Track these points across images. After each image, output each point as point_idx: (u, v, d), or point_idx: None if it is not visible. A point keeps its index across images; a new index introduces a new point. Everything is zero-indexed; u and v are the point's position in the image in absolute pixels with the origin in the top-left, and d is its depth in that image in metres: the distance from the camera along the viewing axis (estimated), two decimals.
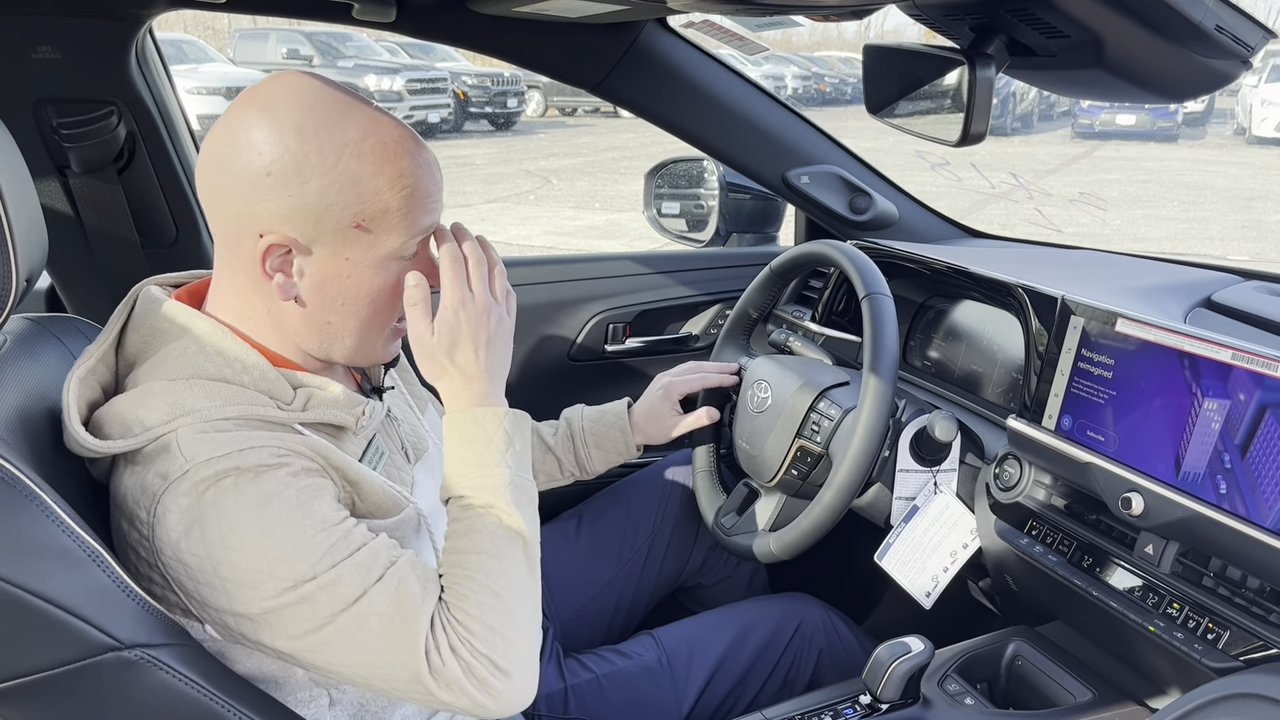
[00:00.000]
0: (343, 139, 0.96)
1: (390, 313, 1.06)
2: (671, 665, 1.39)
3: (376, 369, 1.21)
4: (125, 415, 0.95)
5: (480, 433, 1.05)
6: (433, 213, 1.03)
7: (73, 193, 1.62)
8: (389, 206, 0.98)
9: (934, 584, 1.39)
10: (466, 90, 16.56)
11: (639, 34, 1.75)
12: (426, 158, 1.02)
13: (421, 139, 1.02)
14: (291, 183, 0.94)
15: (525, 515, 1.04)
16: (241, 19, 20.83)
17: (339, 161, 0.95)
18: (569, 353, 2.03)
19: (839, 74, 26.04)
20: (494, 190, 10.97)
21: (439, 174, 1.04)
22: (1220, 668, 1.03)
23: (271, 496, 0.91)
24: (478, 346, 1.06)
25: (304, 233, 0.97)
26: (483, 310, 1.06)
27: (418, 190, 1.00)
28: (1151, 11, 0.98)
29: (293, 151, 0.94)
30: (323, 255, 0.99)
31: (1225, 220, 9.77)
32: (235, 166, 0.95)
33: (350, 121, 0.97)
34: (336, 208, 0.96)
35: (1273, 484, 0.99)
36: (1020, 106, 19.57)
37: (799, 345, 1.70)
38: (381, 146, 0.97)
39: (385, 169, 0.97)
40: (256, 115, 0.95)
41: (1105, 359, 1.19)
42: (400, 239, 1.00)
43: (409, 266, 1.05)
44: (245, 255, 0.99)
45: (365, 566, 0.93)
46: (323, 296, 1.01)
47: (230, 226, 0.98)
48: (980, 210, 9.98)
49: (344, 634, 0.92)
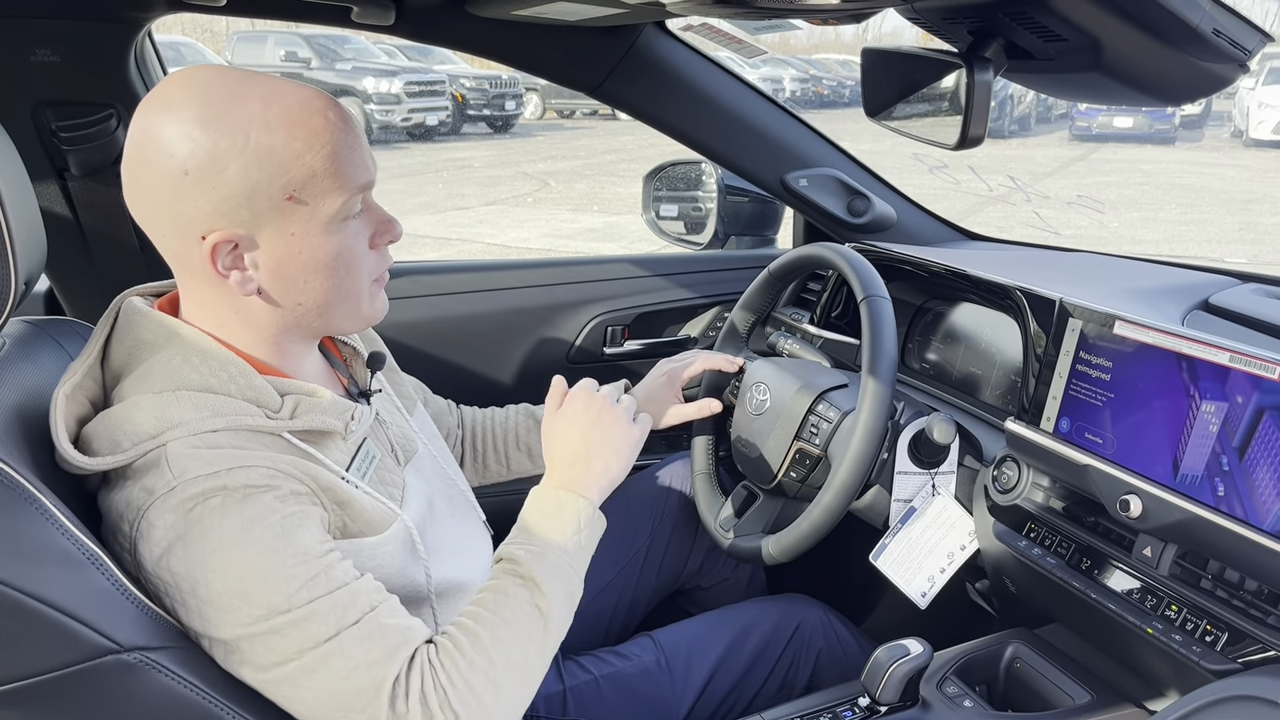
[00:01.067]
0: (245, 116, 0.93)
1: (358, 275, 1.04)
2: (670, 667, 1.39)
3: (364, 371, 1.21)
4: (113, 430, 0.95)
5: (556, 513, 1.11)
6: (363, 166, 1.00)
7: (71, 195, 1.62)
8: (314, 169, 0.95)
9: (930, 585, 1.39)
10: (464, 93, 16.56)
11: (637, 37, 1.76)
12: (339, 113, 0.99)
13: (330, 96, 1.00)
14: (210, 175, 0.92)
15: (557, 603, 1.05)
16: (240, 21, 20.81)
17: (248, 139, 0.92)
18: (568, 355, 2.03)
19: (837, 77, 26.05)
20: (492, 192, 10.97)
21: (356, 127, 1.01)
22: (1219, 670, 1.04)
23: (256, 521, 0.91)
24: (589, 438, 1.17)
25: (242, 222, 0.95)
26: (604, 407, 1.20)
27: (339, 146, 0.97)
28: (1149, 15, 0.98)
29: (201, 143, 0.92)
30: (268, 239, 0.97)
31: (1222, 222, 9.78)
32: (153, 177, 0.93)
33: (249, 96, 0.94)
34: (263, 185, 0.93)
35: (1271, 486, 0.99)
36: (1018, 109, 19.60)
37: (797, 348, 1.70)
38: (286, 111, 0.94)
39: (297, 132, 0.94)
40: (157, 120, 0.93)
41: (1103, 361, 1.19)
42: (338, 199, 0.98)
43: (363, 226, 1.03)
44: (196, 263, 0.97)
45: (343, 607, 0.93)
46: (283, 280, 0.99)
47: (173, 239, 0.97)
48: (978, 213, 9.99)
49: (308, 671, 0.91)
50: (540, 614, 1.04)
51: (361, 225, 1.03)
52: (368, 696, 0.92)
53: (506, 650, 1.00)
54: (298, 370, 1.08)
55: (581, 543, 1.11)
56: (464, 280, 1.98)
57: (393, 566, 1.05)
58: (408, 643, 0.96)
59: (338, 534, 1.00)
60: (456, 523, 1.24)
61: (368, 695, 0.92)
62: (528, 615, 1.03)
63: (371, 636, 0.93)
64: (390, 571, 1.04)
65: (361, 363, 1.22)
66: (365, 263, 1.05)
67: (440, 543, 1.16)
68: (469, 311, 1.97)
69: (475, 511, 1.31)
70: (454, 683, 0.95)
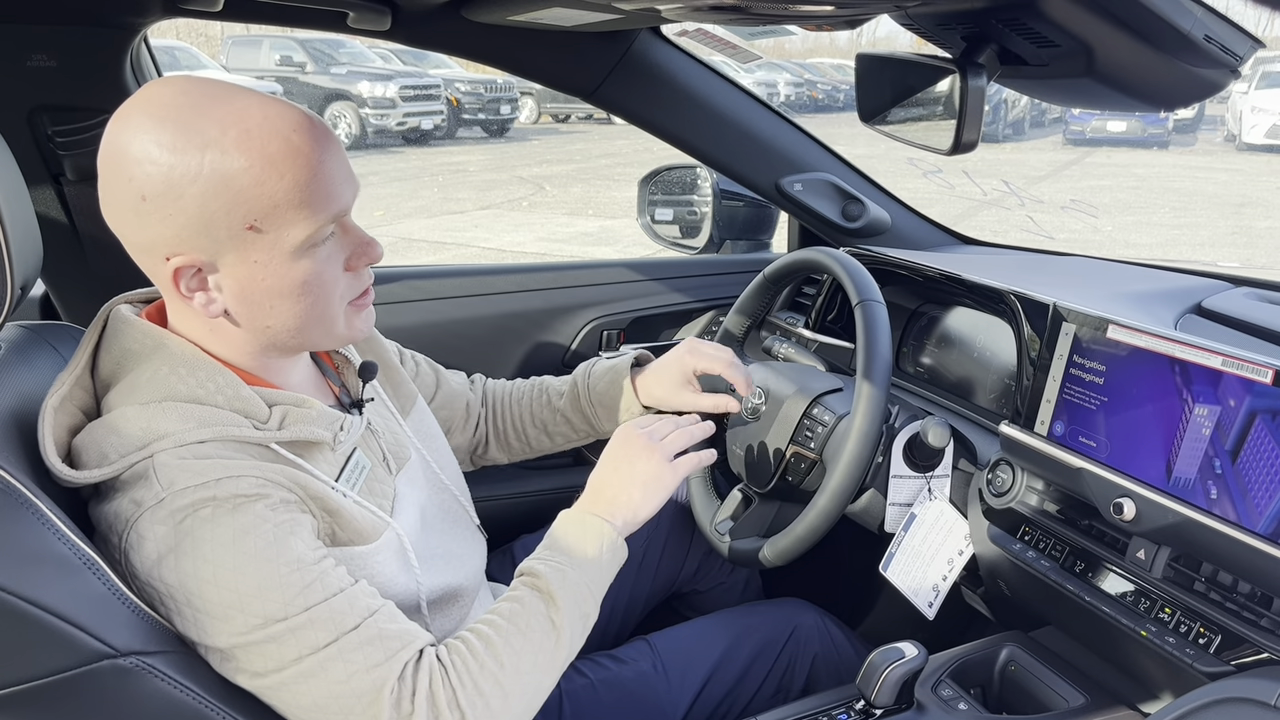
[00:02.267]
0: (202, 141, 0.88)
1: (329, 299, 1.00)
2: (667, 670, 1.39)
3: (356, 381, 1.19)
4: (100, 443, 0.94)
5: (581, 535, 1.13)
6: (332, 194, 0.94)
7: (67, 200, 1.62)
8: (275, 199, 0.90)
9: (935, 594, 1.40)
10: (460, 97, 16.57)
11: (633, 42, 1.76)
12: (309, 135, 0.92)
13: (304, 114, 0.94)
14: (166, 202, 0.89)
15: (571, 620, 1.07)
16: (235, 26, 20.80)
17: (203, 165, 0.88)
18: (563, 359, 2.03)
19: (832, 81, 26.10)
20: (487, 197, 10.97)
21: (330, 149, 0.94)
22: (1212, 672, 1.04)
23: (247, 531, 0.90)
24: (619, 471, 1.18)
25: (202, 249, 0.92)
26: (642, 444, 1.20)
27: (303, 173, 0.91)
28: (1141, 21, 0.99)
29: (159, 167, 0.88)
30: (230, 264, 0.93)
31: (1215, 226, 9.81)
32: (118, 196, 0.92)
33: (208, 119, 0.89)
34: (220, 215, 0.90)
35: (1263, 489, 1.00)
36: (1012, 113, 19.64)
37: (792, 352, 1.70)
38: (245, 136, 0.89)
39: (255, 159, 0.89)
40: (121, 138, 0.90)
41: (1097, 365, 1.20)
42: (304, 229, 0.93)
43: (336, 250, 0.99)
44: (164, 281, 0.95)
45: (341, 614, 0.93)
46: (249, 305, 0.96)
47: (142, 256, 0.95)
48: (972, 217, 10.01)
49: (306, 677, 0.91)
50: (554, 628, 1.05)
51: (335, 249, 0.99)
52: (368, 700, 0.92)
53: (517, 657, 1.01)
54: (285, 381, 1.07)
55: (602, 566, 1.12)
56: (459, 285, 1.98)
57: (384, 575, 1.05)
58: (407, 646, 0.96)
59: (328, 541, 1.00)
60: (449, 530, 1.23)
61: (368, 699, 0.92)
62: (542, 627, 1.04)
63: (371, 642, 0.93)
64: (382, 580, 1.04)
65: (354, 371, 1.20)
66: (338, 286, 1.01)
67: (432, 551, 1.16)
68: (464, 316, 1.97)
69: (469, 518, 1.31)
70: (463, 682, 0.96)
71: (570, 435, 1.54)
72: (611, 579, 1.15)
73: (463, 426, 1.49)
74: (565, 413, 1.51)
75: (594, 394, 1.49)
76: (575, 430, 1.53)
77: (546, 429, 1.53)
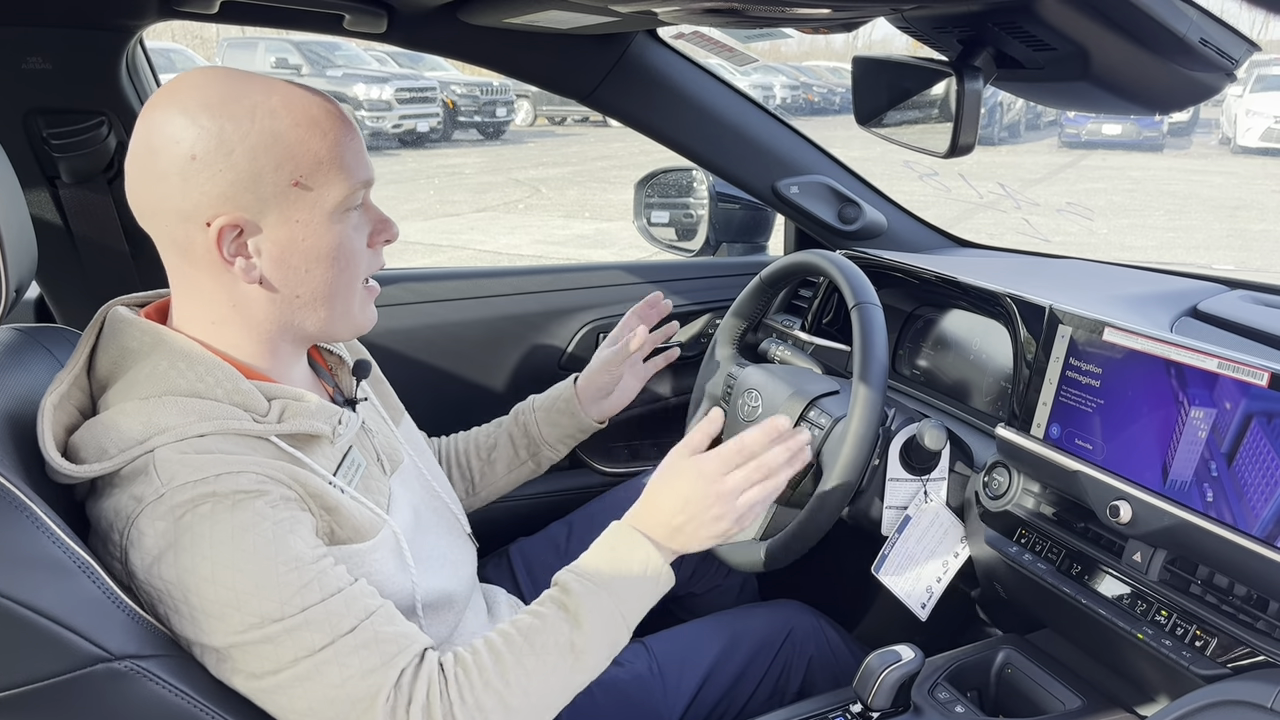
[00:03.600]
0: (250, 102, 0.96)
1: (356, 270, 1.06)
2: (663, 673, 1.39)
3: (349, 380, 1.21)
4: (100, 438, 0.94)
5: (627, 553, 1.08)
6: (363, 161, 1.04)
7: (62, 203, 1.61)
8: (319, 156, 0.98)
9: (929, 595, 1.40)
10: (455, 99, 16.56)
11: (629, 45, 1.76)
12: (338, 108, 1.03)
13: (328, 96, 1.04)
14: (218, 158, 0.94)
15: (595, 646, 1.04)
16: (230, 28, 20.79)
17: (254, 123, 0.95)
18: (560, 362, 2.03)
19: (827, 84, 26.12)
20: (483, 199, 10.97)
21: (355, 125, 1.04)
22: (1208, 675, 1.04)
23: (247, 528, 0.90)
24: (690, 511, 1.09)
25: (248, 206, 0.96)
26: (716, 495, 1.09)
27: (341, 136, 1.00)
28: (1137, 25, 0.99)
29: (208, 128, 0.94)
30: (273, 225, 0.98)
31: (1210, 229, 9.84)
32: (161, 167, 0.95)
33: (252, 86, 0.97)
34: (269, 169, 0.96)
35: (1259, 492, 1.00)
36: (1008, 116, 19.68)
37: (788, 354, 1.70)
38: (289, 98, 0.98)
39: (300, 118, 0.97)
40: (164, 112, 0.96)
41: (1093, 368, 1.20)
42: (342, 189, 1.00)
43: (362, 222, 1.06)
44: (200, 252, 0.98)
45: (337, 615, 0.92)
46: (285, 269, 1.01)
47: (177, 229, 0.97)
48: (968, 219, 10.03)
49: (301, 680, 0.91)
50: (573, 651, 1.02)
51: (361, 220, 1.06)
52: (363, 706, 0.91)
53: (527, 678, 0.99)
54: (287, 376, 1.08)
55: (642, 594, 1.08)
56: (455, 287, 1.98)
57: (381, 575, 1.05)
58: (404, 651, 0.95)
59: (326, 540, 1.00)
60: (442, 534, 1.24)
61: (363, 704, 0.91)
62: (559, 649, 1.01)
63: (367, 645, 0.93)
64: (379, 580, 1.04)
65: (347, 371, 1.22)
66: (363, 259, 1.07)
67: (427, 553, 1.15)
68: (460, 319, 1.97)
69: (460, 524, 1.31)
70: (463, 697, 0.95)
71: (511, 457, 1.53)
72: (650, 605, 1.10)
73: None
74: (509, 429, 1.55)
75: (537, 405, 1.55)
76: (515, 448, 1.53)
77: (489, 456, 1.54)
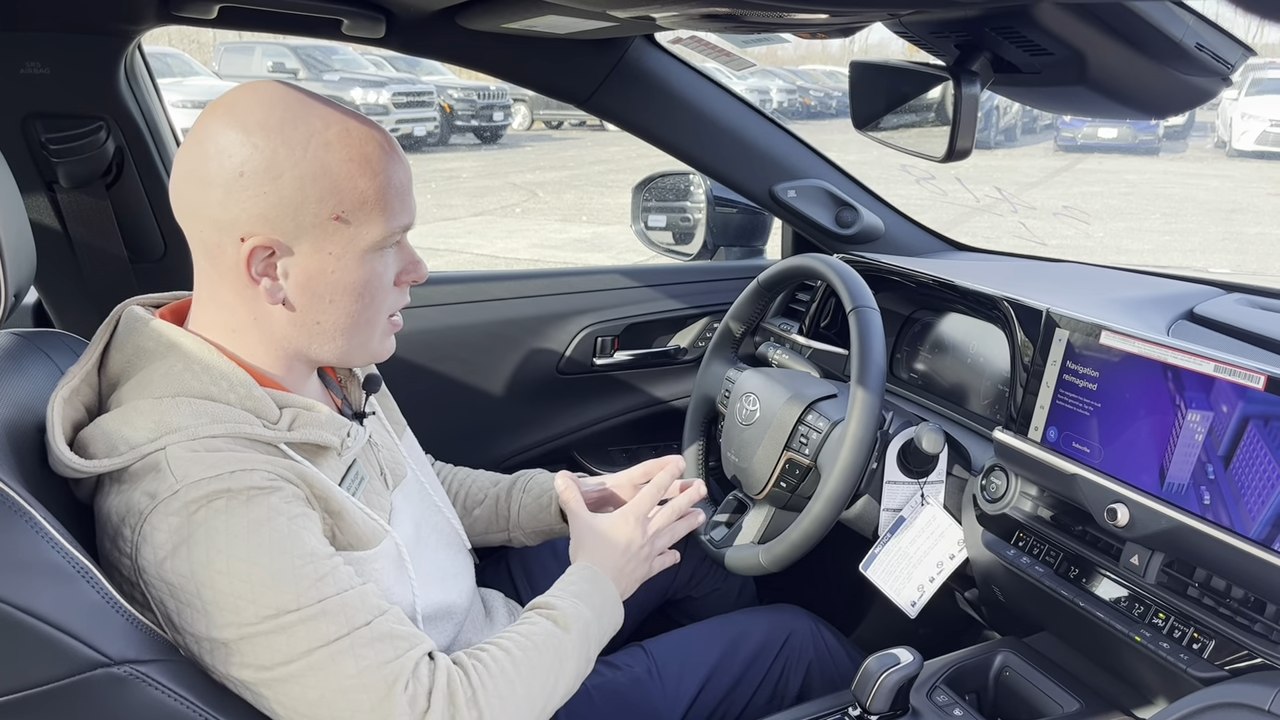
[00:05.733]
0: (308, 130, 0.96)
1: (380, 307, 1.06)
2: (662, 676, 1.39)
3: (358, 393, 1.21)
4: (111, 434, 0.95)
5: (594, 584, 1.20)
6: (408, 205, 1.03)
7: (61, 208, 1.61)
8: (364, 195, 0.98)
9: (919, 594, 1.40)
10: (452, 103, 16.57)
11: (627, 50, 1.77)
12: (395, 150, 1.02)
13: (388, 133, 1.04)
14: (265, 179, 0.94)
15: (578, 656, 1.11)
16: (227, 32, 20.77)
17: (307, 151, 0.95)
18: (557, 366, 2.03)
19: (824, 88, 26.15)
20: (480, 203, 10.97)
21: (408, 169, 1.05)
22: (1206, 677, 1.04)
23: (262, 522, 0.91)
24: (622, 569, 1.24)
25: (284, 231, 0.96)
26: (646, 538, 1.27)
27: (390, 179, 1.00)
28: (1133, 30, 1.00)
29: (261, 149, 0.94)
30: (305, 252, 0.98)
31: (1206, 232, 9.86)
32: (208, 174, 0.95)
33: (313, 114, 0.97)
34: (313, 199, 0.96)
35: (1256, 495, 1.00)
36: (1004, 120, 19.70)
37: (786, 358, 1.71)
38: (346, 133, 0.98)
39: (354, 155, 0.97)
40: (222, 122, 0.96)
41: (1090, 371, 1.20)
42: (380, 231, 1.00)
43: (394, 261, 1.06)
44: (228, 264, 0.98)
45: (352, 608, 0.93)
46: (310, 296, 1.01)
47: (211, 236, 0.98)
48: (965, 223, 10.04)
49: (314, 670, 0.91)
50: (566, 656, 1.10)
51: (393, 260, 1.06)
52: (379, 695, 0.92)
53: (532, 673, 1.04)
54: (298, 387, 1.08)
55: (605, 617, 1.18)
56: (452, 291, 1.98)
57: (382, 584, 1.05)
58: (416, 647, 0.96)
59: (329, 543, 1.00)
60: (442, 549, 1.24)
61: (379, 694, 0.92)
62: (555, 649, 1.09)
63: (382, 639, 0.94)
64: (380, 588, 1.04)
65: (356, 384, 1.22)
66: (388, 296, 1.07)
67: (427, 568, 1.16)
68: (457, 323, 1.97)
69: (460, 539, 1.31)
70: (485, 684, 0.98)
71: (490, 520, 1.47)
72: (608, 638, 1.20)
73: None
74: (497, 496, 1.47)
75: (527, 488, 1.47)
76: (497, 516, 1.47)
77: (473, 512, 1.47)
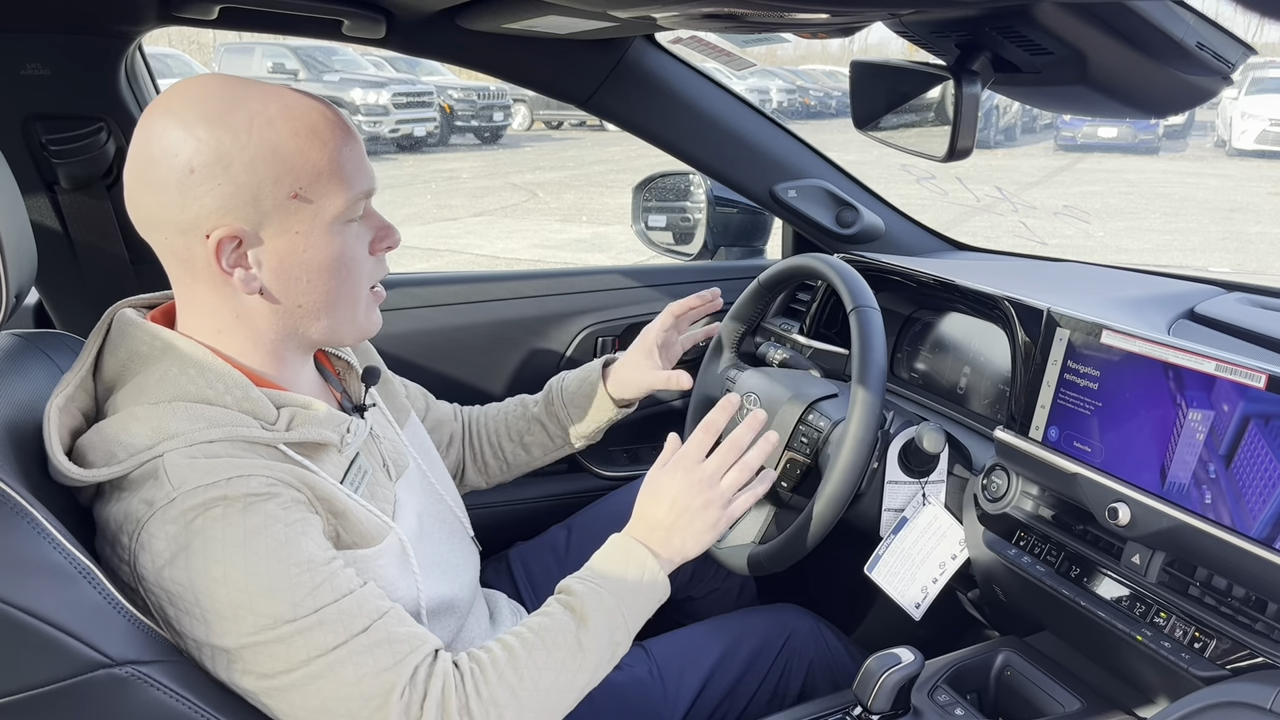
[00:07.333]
0: (248, 113, 0.95)
1: (359, 279, 1.06)
2: (662, 676, 1.39)
3: (357, 386, 1.21)
4: (109, 442, 0.94)
5: (624, 560, 1.13)
6: (364, 171, 1.02)
7: (62, 209, 1.61)
8: (318, 167, 0.97)
9: (923, 595, 1.40)
10: (453, 104, 16.58)
11: (627, 50, 1.77)
12: (339, 118, 1.01)
13: (328, 102, 1.02)
14: (216, 170, 0.93)
15: (600, 645, 1.06)
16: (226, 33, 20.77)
17: (251, 134, 0.94)
18: (558, 366, 2.03)
19: (824, 87, 26.15)
20: (480, 203, 10.97)
21: (357, 134, 1.03)
22: (1207, 676, 1.04)
23: (259, 531, 0.91)
24: (678, 515, 1.15)
25: (247, 218, 0.96)
26: (699, 482, 1.15)
27: (340, 146, 0.99)
28: (1134, 29, 1.00)
29: (206, 140, 0.93)
30: (272, 236, 0.98)
31: (1206, 232, 9.86)
32: (159, 178, 0.94)
33: (250, 96, 0.96)
34: (268, 181, 0.95)
35: (1257, 493, 1.00)
36: (1004, 119, 19.70)
37: (787, 358, 1.70)
38: (287, 109, 0.97)
39: (299, 129, 0.96)
40: (162, 123, 0.95)
41: (1091, 370, 1.20)
42: (341, 200, 0.99)
43: (363, 231, 1.05)
44: (200, 265, 0.98)
45: (350, 615, 0.93)
46: (286, 279, 1.00)
47: (177, 241, 0.97)
48: (965, 223, 10.04)
49: (314, 679, 0.91)
50: (580, 648, 1.05)
51: (362, 230, 1.05)
52: (376, 703, 0.92)
53: (538, 672, 1.01)
54: (295, 383, 1.08)
55: (639, 597, 1.12)
56: (453, 292, 1.98)
57: (386, 580, 1.05)
58: (417, 650, 0.96)
59: (332, 544, 1.00)
60: (445, 539, 1.24)
61: (376, 702, 0.92)
62: (568, 645, 1.04)
63: (380, 645, 0.93)
64: (384, 586, 1.04)
65: (356, 377, 1.22)
66: (365, 267, 1.07)
67: (430, 559, 1.16)
68: (458, 323, 1.97)
69: (464, 529, 1.31)
70: (478, 691, 0.96)
71: (546, 443, 1.55)
72: (649, 613, 1.14)
73: (444, 452, 1.51)
74: (540, 419, 1.54)
75: (566, 394, 1.53)
76: (551, 438, 1.54)
77: (522, 440, 1.54)
